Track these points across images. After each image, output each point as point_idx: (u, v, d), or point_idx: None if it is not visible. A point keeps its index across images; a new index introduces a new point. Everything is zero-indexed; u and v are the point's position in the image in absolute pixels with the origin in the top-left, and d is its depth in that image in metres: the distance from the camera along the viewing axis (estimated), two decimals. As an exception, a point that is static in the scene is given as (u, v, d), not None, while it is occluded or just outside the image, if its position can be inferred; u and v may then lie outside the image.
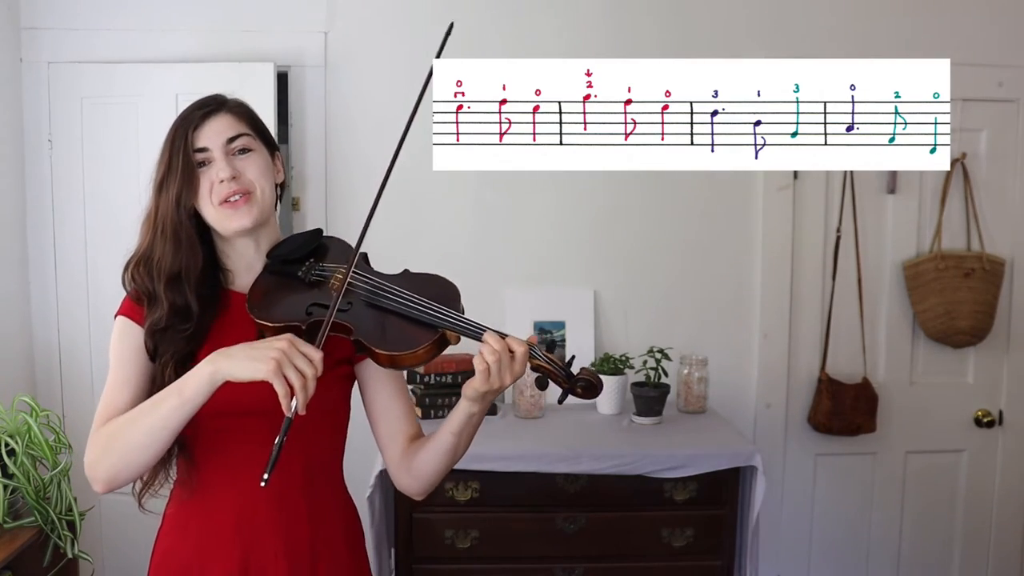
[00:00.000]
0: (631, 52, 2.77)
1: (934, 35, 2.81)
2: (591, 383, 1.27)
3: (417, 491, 1.42)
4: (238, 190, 1.33)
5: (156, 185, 1.35)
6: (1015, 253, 2.91)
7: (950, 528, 3.00)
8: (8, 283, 2.65)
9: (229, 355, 1.19)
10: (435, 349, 1.28)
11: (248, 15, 2.72)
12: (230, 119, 1.36)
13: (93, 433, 1.29)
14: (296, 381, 1.15)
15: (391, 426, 1.43)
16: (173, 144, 1.34)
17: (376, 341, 1.27)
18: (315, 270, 1.37)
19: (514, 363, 1.24)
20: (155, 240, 1.34)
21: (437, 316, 1.27)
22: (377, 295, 1.31)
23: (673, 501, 2.33)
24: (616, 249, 2.85)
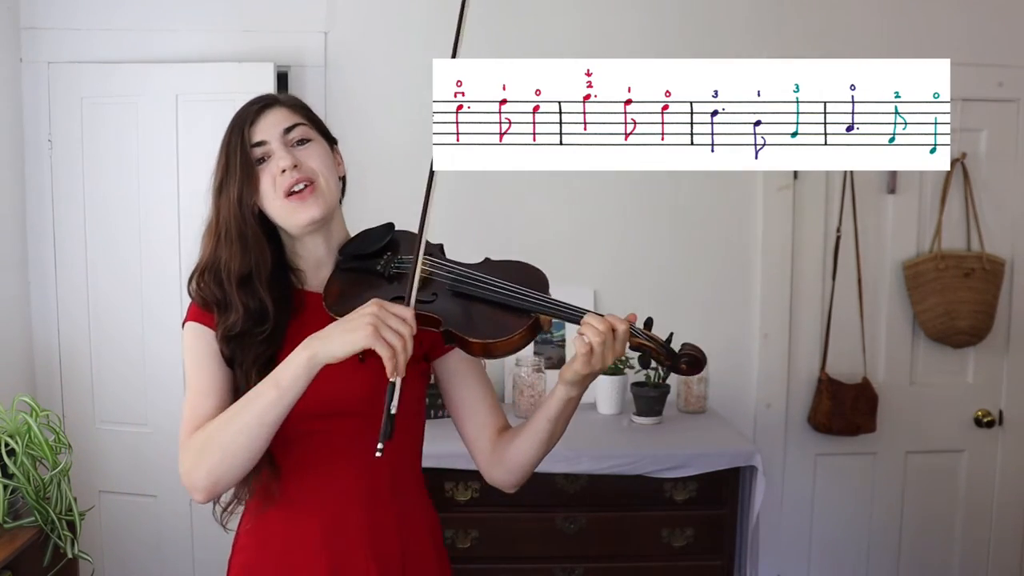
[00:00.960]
0: (631, 52, 2.77)
1: (934, 35, 2.81)
2: (695, 358, 1.23)
3: (511, 484, 1.39)
4: (301, 178, 1.29)
5: (215, 189, 1.31)
6: (1015, 253, 2.91)
7: (950, 528, 3.00)
8: (8, 283, 2.64)
9: (323, 336, 1.15)
10: (529, 335, 1.25)
11: (248, 15, 2.72)
12: (285, 111, 1.33)
13: (184, 443, 1.24)
14: (396, 342, 1.12)
15: (478, 419, 1.40)
16: (229, 144, 1.31)
17: (468, 330, 1.23)
18: (395, 263, 1.33)
19: (615, 342, 1.21)
20: (219, 245, 1.29)
21: (530, 300, 1.25)
22: (463, 283, 1.28)
23: (673, 501, 2.33)
24: (616, 249, 2.85)
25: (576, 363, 1.21)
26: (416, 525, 1.39)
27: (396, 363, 1.12)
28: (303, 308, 1.33)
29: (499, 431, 1.39)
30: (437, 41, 2.73)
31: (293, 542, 1.32)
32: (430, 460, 1.51)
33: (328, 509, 1.31)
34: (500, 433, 1.39)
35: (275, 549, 1.33)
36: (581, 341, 1.20)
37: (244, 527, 1.38)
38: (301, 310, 1.33)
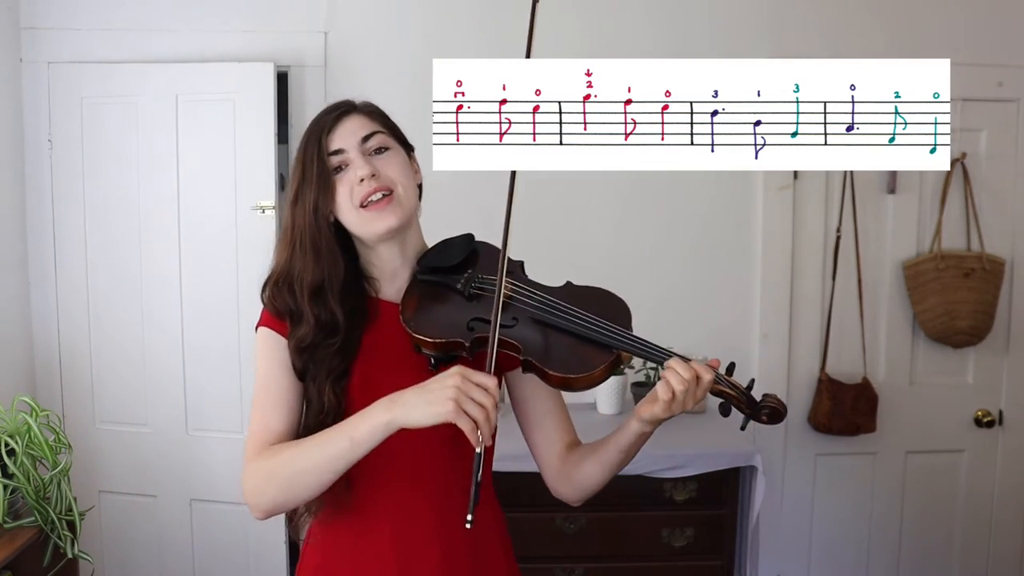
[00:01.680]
0: (631, 52, 2.76)
1: (934, 35, 2.81)
2: (776, 410, 1.21)
3: (576, 500, 1.40)
4: (379, 188, 1.27)
5: (291, 198, 1.29)
6: (1015, 253, 2.90)
7: (950, 528, 3.00)
8: (8, 283, 2.64)
9: (404, 402, 1.13)
10: (610, 370, 1.23)
11: (248, 15, 2.72)
12: (362, 119, 1.31)
13: (251, 460, 1.23)
14: (478, 415, 1.10)
15: (549, 434, 1.39)
16: (306, 152, 1.28)
17: (548, 362, 1.20)
18: (475, 282, 1.30)
19: (698, 389, 1.20)
20: (294, 255, 1.28)
21: (613, 336, 1.23)
22: (545, 311, 1.25)
23: (673, 501, 2.33)
24: (616, 249, 2.85)
25: (657, 407, 1.20)
26: (487, 530, 1.38)
27: (478, 436, 1.10)
28: (377, 317, 1.32)
29: (568, 447, 1.39)
30: (437, 41, 2.76)
31: (364, 549, 1.30)
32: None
33: (400, 521, 1.30)
34: (569, 449, 1.38)
35: (348, 555, 1.31)
36: (665, 387, 1.19)
37: (313, 535, 1.37)
38: (375, 319, 1.32)
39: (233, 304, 2.66)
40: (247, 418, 2.64)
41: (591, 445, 1.35)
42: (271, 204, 2.60)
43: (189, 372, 2.70)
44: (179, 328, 2.69)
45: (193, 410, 2.72)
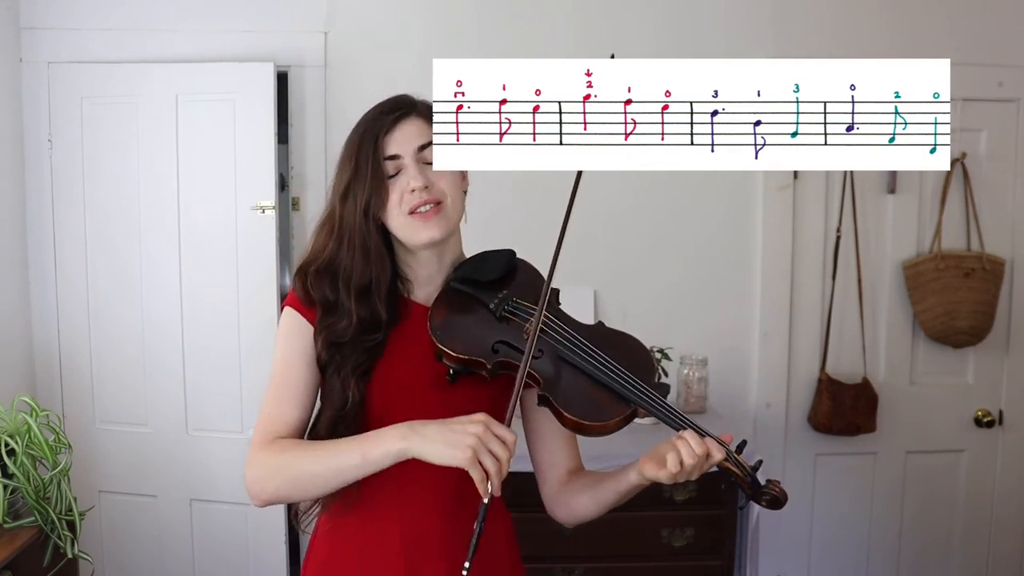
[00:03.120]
0: (631, 52, 2.76)
1: (934, 35, 2.81)
2: (777, 499, 1.22)
3: (569, 524, 1.41)
4: (430, 199, 1.27)
5: (341, 191, 1.28)
6: (1015, 253, 2.91)
7: (950, 528, 3.00)
8: (8, 283, 2.64)
9: (424, 435, 1.14)
10: (624, 423, 1.23)
11: (248, 15, 2.72)
12: (421, 123, 1.30)
13: (259, 449, 1.24)
14: (492, 467, 1.12)
15: (553, 456, 1.40)
16: (361, 149, 1.28)
17: (566, 404, 1.21)
18: (508, 305, 1.30)
19: (706, 463, 1.20)
20: (340, 249, 1.28)
21: (635, 391, 1.22)
22: (572, 351, 1.25)
23: (673, 501, 2.33)
24: (616, 249, 2.85)
25: (662, 474, 1.20)
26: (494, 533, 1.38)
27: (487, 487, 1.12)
28: (406, 318, 1.32)
29: (570, 472, 1.39)
30: (437, 41, 2.76)
31: (372, 546, 1.31)
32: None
33: (407, 517, 1.30)
34: (571, 474, 1.39)
35: (355, 551, 1.32)
36: (674, 459, 1.19)
37: (321, 528, 1.37)
38: (404, 319, 1.32)
39: (233, 304, 2.66)
40: (247, 418, 2.65)
41: (590, 479, 1.36)
42: (271, 204, 2.60)
43: (189, 372, 2.70)
44: (179, 328, 2.69)
45: (193, 410, 2.72)
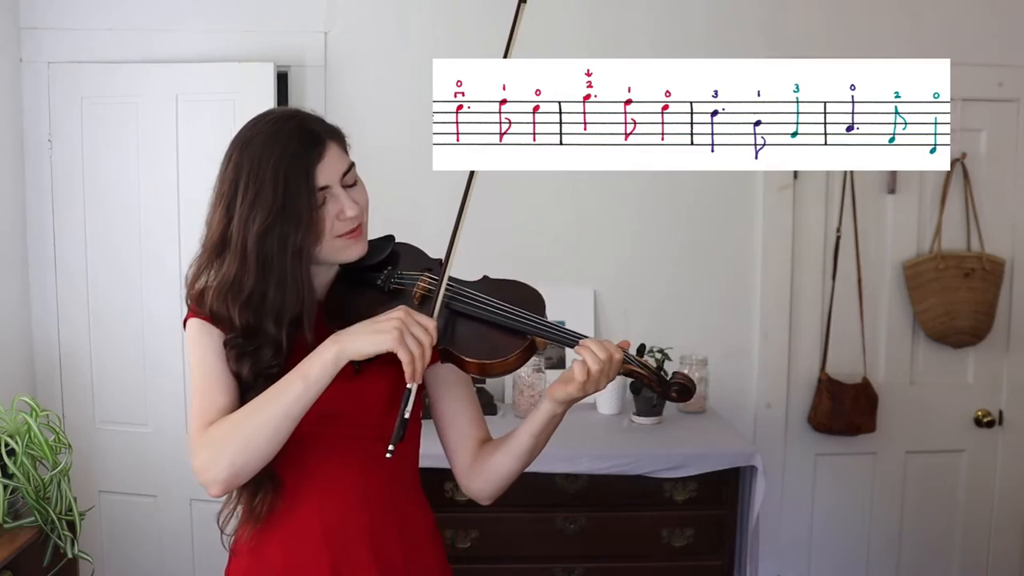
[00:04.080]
0: (631, 52, 2.76)
1: (934, 35, 2.81)
2: (685, 386, 1.25)
3: (488, 495, 1.40)
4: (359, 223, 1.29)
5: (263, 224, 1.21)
6: (1015, 253, 2.90)
7: (950, 528, 3.00)
8: (8, 283, 2.64)
9: (351, 333, 1.18)
10: (525, 356, 1.26)
11: (248, 15, 2.72)
12: (336, 148, 1.29)
13: (197, 437, 1.22)
14: (415, 349, 1.16)
15: (461, 430, 1.41)
16: (289, 185, 1.21)
17: (465, 350, 1.25)
18: (395, 278, 1.34)
19: (611, 369, 1.23)
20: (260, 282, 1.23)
21: (527, 322, 1.26)
22: (462, 302, 1.29)
23: (673, 501, 2.33)
24: (616, 249, 2.85)
25: (571, 387, 1.23)
26: (417, 528, 1.40)
27: (414, 369, 1.16)
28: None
29: (480, 443, 1.41)
30: (437, 41, 2.76)
31: (294, 543, 1.31)
32: (430, 460, 1.51)
33: (328, 511, 1.31)
34: (480, 445, 1.40)
35: (276, 552, 1.32)
36: (580, 368, 1.22)
37: (243, 530, 1.37)
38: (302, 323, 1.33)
39: (233, 304, 2.65)
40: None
41: (501, 438, 1.38)
42: (271, 204, 2.60)
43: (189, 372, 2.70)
44: (179, 328, 2.69)
45: (193, 410, 2.72)
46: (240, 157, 1.24)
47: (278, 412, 1.17)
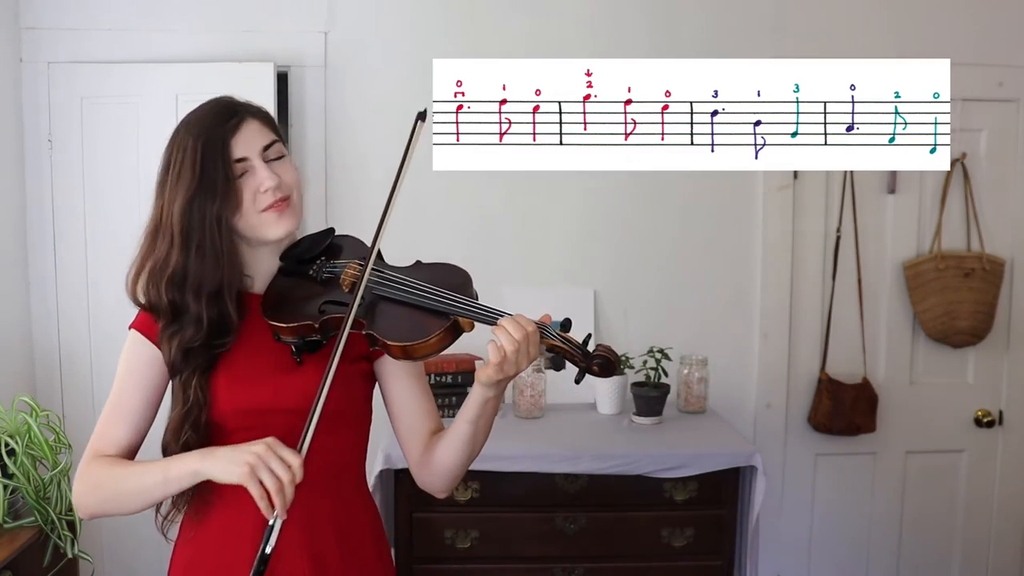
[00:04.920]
0: (631, 52, 2.76)
1: (934, 35, 2.81)
2: (608, 360, 1.21)
3: (439, 487, 1.40)
4: (282, 197, 1.30)
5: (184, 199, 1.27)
6: (1015, 253, 2.90)
7: (950, 528, 3.00)
8: (8, 283, 2.64)
9: (213, 455, 1.20)
10: (449, 337, 1.25)
11: (248, 15, 2.72)
12: (258, 125, 1.33)
13: (85, 463, 1.30)
14: (271, 485, 1.15)
15: (411, 423, 1.41)
16: (203, 157, 1.27)
17: (388, 333, 1.24)
18: (326, 268, 1.35)
19: (529, 346, 1.20)
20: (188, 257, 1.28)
21: (447, 302, 1.24)
22: (385, 286, 1.29)
23: (673, 501, 2.33)
24: (616, 249, 2.85)
25: (489, 369, 1.21)
26: (356, 522, 1.40)
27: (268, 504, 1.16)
28: (250, 312, 1.35)
29: (430, 435, 1.40)
30: (437, 41, 2.76)
31: (229, 540, 1.33)
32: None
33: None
34: (432, 437, 1.40)
35: (212, 548, 1.34)
36: (494, 347, 1.20)
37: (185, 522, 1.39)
38: (248, 314, 1.35)
39: (233, 304, 2.66)
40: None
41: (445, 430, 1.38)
42: (271, 204, 2.60)
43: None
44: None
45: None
46: (170, 145, 1.31)
47: (138, 492, 1.25)
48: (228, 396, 1.31)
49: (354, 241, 1.42)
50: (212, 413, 1.31)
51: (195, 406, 1.29)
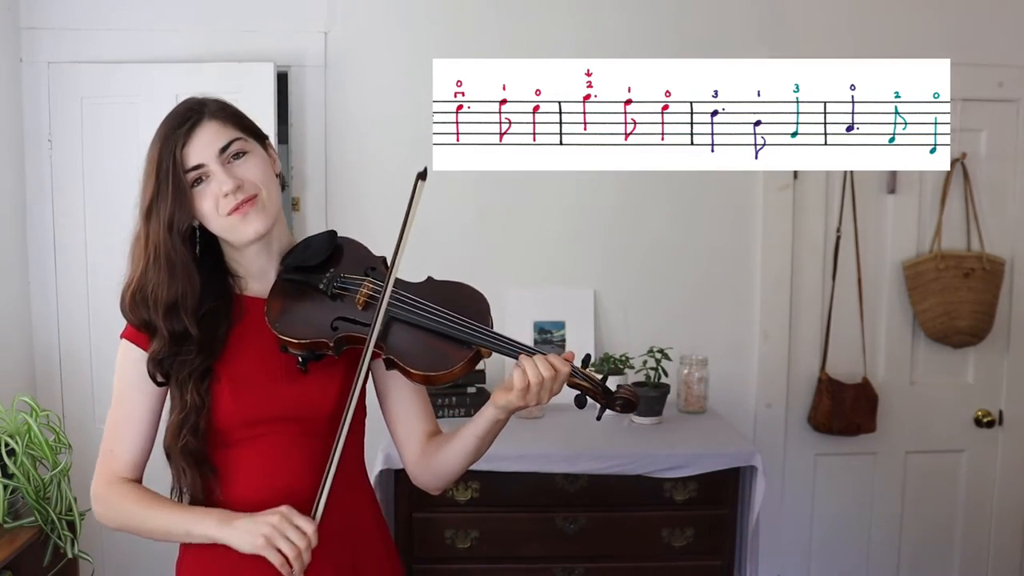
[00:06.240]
0: (631, 52, 2.76)
1: (934, 35, 2.81)
2: (629, 400, 1.27)
3: (436, 488, 1.43)
4: (245, 198, 1.27)
5: (144, 210, 1.29)
6: (1015, 253, 2.90)
7: (950, 528, 3.00)
8: (8, 283, 2.64)
9: (234, 526, 1.23)
10: (470, 366, 1.26)
11: (248, 15, 2.72)
12: (215, 126, 1.28)
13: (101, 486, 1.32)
14: (289, 552, 1.19)
15: (409, 424, 1.42)
16: (159, 166, 1.27)
17: (410, 361, 1.25)
18: (337, 282, 1.32)
19: (554, 383, 1.23)
20: (147, 268, 1.29)
21: (471, 333, 1.24)
22: (404, 310, 1.27)
23: (673, 501, 2.33)
24: (616, 249, 2.85)
25: (512, 395, 1.23)
26: (364, 522, 1.41)
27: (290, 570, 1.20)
28: (244, 315, 1.34)
29: (428, 436, 1.42)
30: (437, 41, 2.76)
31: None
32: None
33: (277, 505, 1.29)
34: (429, 438, 1.42)
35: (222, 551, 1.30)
36: (520, 376, 1.22)
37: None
38: (242, 317, 1.34)
39: (233, 304, 2.66)
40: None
41: (450, 433, 1.39)
42: (271, 204, 2.60)
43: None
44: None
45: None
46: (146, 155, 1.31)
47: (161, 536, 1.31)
48: (231, 405, 1.30)
49: (358, 247, 1.39)
50: (215, 419, 1.30)
51: (192, 411, 1.29)
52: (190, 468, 1.30)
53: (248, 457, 1.32)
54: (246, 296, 1.36)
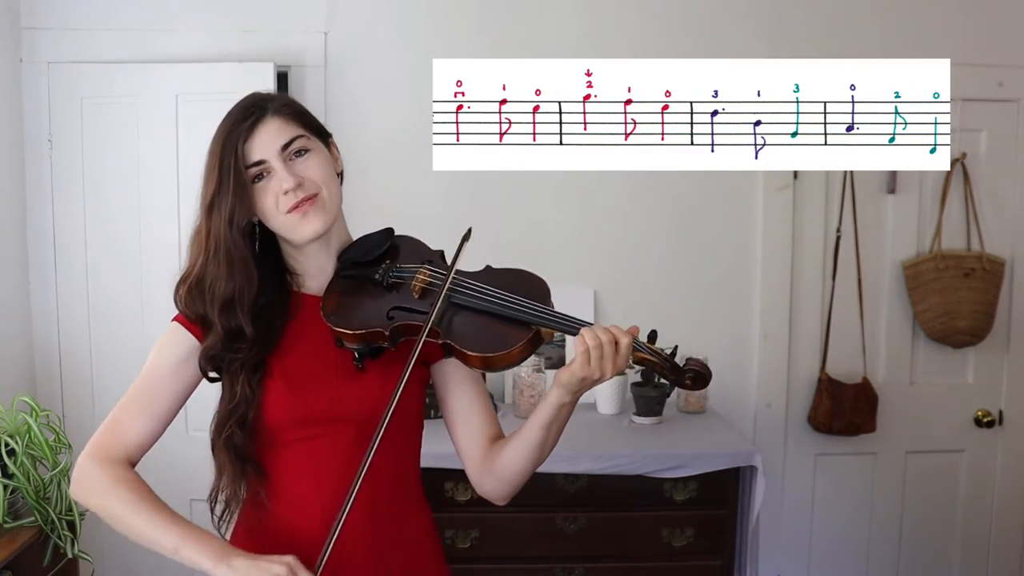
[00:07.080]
0: (631, 52, 2.76)
1: (934, 35, 2.81)
2: (700, 373, 1.19)
3: (501, 495, 1.37)
4: (305, 197, 1.25)
5: (206, 205, 1.27)
6: (1015, 253, 2.90)
7: (950, 528, 3.00)
8: (8, 283, 2.64)
9: (231, 564, 1.16)
10: (530, 347, 1.21)
11: (248, 15, 2.72)
12: (279, 122, 1.27)
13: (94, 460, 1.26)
14: None
15: (471, 427, 1.36)
16: (222, 161, 1.25)
17: (468, 343, 1.21)
18: (393, 271, 1.30)
19: (617, 355, 1.17)
20: (207, 262, 1.27)
21: (531, 312, 1.21)
22: (464, 294, 1.25)
23: (673, 501, 2.33)
24: (616, 249, 2.85)
25: (575, 364, 1.18)
26: (417, 531, 1.39)
27: None
28: (300, 311, 1.32)
29: (491, 440, 1.36)
30: (437, 41, 2.76)
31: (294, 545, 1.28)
32: (430, 460, 1.51)
33: (328, 511, 1.28)
34: (492, 442, 1.36)
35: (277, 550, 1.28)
36: (580, 340, 1.17)
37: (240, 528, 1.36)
38: (298, 313, 1.32)
39: (233, 304, 2.66)
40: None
41: (512, 433, 1.34)
42: (271, 204, 2.60)
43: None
44: (179, 327, 2.69)
45: (193, 410, 2.71)
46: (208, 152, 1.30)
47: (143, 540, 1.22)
48: (283, 401, 1.27)
49: (414, 242, 1.38)
50: (265, 416, 1.27)
51: (242, 402, 1.26)
52: (231, 464, 1.27)
53: (298, 461, 1.29)
54: (303, 294, 1.34)
